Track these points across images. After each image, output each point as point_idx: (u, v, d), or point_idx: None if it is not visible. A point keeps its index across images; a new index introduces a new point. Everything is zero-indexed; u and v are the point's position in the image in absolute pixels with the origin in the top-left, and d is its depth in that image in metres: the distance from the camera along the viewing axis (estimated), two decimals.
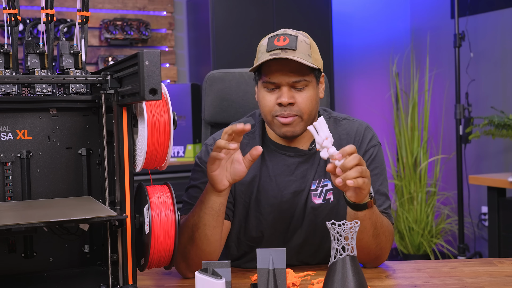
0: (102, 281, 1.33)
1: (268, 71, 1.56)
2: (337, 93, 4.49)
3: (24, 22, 3.58)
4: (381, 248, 1.56)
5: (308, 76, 1.56)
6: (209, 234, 1.49)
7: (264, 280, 1.24)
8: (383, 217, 1.56)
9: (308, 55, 1.55)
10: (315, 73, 1.60)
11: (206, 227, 1.48)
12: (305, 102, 1.56)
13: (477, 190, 4.11)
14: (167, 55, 4.10)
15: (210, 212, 1.47)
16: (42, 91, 1.34)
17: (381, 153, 1.69)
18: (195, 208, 1.51)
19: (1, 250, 1.37)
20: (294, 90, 1.56)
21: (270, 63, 1.55)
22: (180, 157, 3.71)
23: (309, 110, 1.58)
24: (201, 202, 1.48)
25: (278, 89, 1.57)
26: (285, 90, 1.55)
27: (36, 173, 1.38)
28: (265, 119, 1.62)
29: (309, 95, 1.57)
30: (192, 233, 1.49)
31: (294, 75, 1.54)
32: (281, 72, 1.54)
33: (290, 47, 1.53)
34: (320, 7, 3.99)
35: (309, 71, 1.57)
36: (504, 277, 1.48)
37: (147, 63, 1.13)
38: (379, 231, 1.51)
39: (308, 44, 1.57)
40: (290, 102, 1.55)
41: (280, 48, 1.53)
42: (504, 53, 4.06)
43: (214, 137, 1.69)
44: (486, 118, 3.55)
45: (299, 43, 1.55)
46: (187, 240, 1.50)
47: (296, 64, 1.54)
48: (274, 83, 1.56)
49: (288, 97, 1.54)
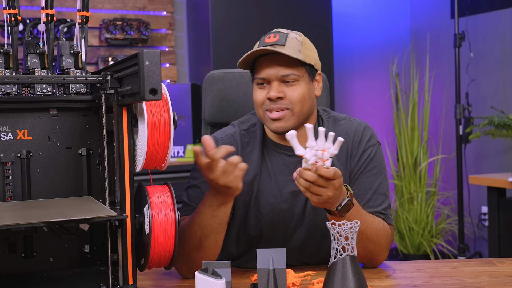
0: (102, 281, 1.33)
1: (259, 68, 1.59)
2: (337, 93, 4.49)
3: (24, 22, 3.58)
4: (369, 251, 1.55)
5: (297, 70, 1.57)
6: (218, 240, 1.50)
7: (264, 280, 1.24)
8: (371, 223, 1.53)
9: (298, 51, 1.57)
10: (307, 69, 1.60)
11: (217, 236, 1.49)
12: (295, 96, 1.57)
13: (477, 190, 4.11)
14: (167, 55, 4.10)
15: (219, 221, 1.47)
16: (42, 91, 1.34)
17: (381, 153, 1.69)
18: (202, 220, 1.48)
19: (1, 250, 1.37)
20: (284, 85, 1.58)
21: (261, 59, 1.58)
22: (180, 157, 3.71)
23: (300, 104, 1.58)
24: (213, 216, 1.46)
25: (268, 85, 1.59)
26: (274, 85, 1.57)
27: (36, 173, 1.38)
28: (258, 115, 1.64)
29: (300, 89, 1.58)
30: (200, 242, 1.49)
31: (282, 68, 1.56)
32: (269, 67, 1.57)
33: (279, 43, 1.56)
34: (320, 7, 3.99)
35: (299, 65, 1.58)
36: (504, 277, 1.48)
37: (147, 63, 1.13)
38: (361, 236, 1.50)
39: (300, 41, 1.59)
40: (279, 96, 1.56)
41: (269, 44, 1.56)
42: (504, 53, 4.06)
43: (214, 136, 1.69)
44: (486, 118, 3.54)
45: (290, 39, 1.57)
46: (193, 248, 1.50)
47: (284, 59, 1.56)
48: (263, 78, 1.58)
49: (276, 91, 1.56)
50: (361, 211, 1.51)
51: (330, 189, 1.36)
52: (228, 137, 1.68)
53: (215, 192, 1.44)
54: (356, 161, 1.65)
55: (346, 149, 1.66)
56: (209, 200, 1.46)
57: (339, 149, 1.66)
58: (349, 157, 1.65)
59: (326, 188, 1.35)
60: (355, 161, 1.65)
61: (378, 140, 1.70)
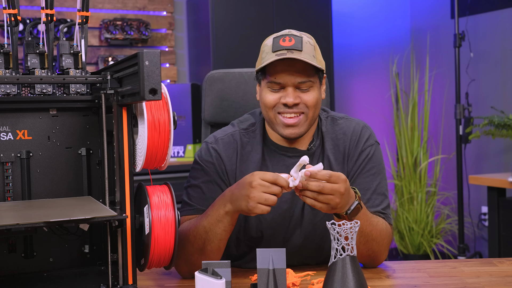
0: (102, 281, 1.33)
1: (274, 71, 1.56)
2: (337, 93, 4.49)
3: (24, 22, 3.58)
4: (373, 251, 1.56)
5: (313, 77, 1.57)
6: (221, 247, 1.51)
7: (264, 280, 1.24)
8: (376, 224, 1.54)
9: (313, 56, 1.56)
10: (319, 75, 1.60)
11: (220, 242, 1.49)
12: (310, 101, 1.57)
13: (477, 190, 4.11)
14: (167, 55, 4.10)
15: (223, 227, 1.47)
16: (42, 91, 1.34)
17: (379, 153, 1.68)
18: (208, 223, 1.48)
19: (1, 250, 1.37)
20: (299, 91, 1.57)
21: (276, 63, 1.55)
22: (180, 157, 3.71)
23: (314, 108, 1.58)
24: (218, 221, 1.46)
25: (282, 90, 1.57)
26: (291, 91, 1.55)
27: (36, 173, 1.38)
28: (267, 116, 1.61)
29: (314, 95, 1.57)
30: (204, 246, 1.49)
31: (300, 76, 1.54)
32: (287, 72, 1.54)
33: (296, 48, 1.53)
34: (320, 7, 3.99)
35: (314, 72, 1.57)
36: (504, 277, 1.48)
37: (147, 63, 1.13)
38: (367, 238, 1.51)
39: (312, 46, 1.58)
40: (296, 102, 1.55)
41: (286, 48, 1.53)
42: (504, 53, 4.06)
43: (214, 135, 1.69)
44: (486, 118, 3.54)
45: (305, 44, 1.55)
46: (196, 251, 1.50)
47: (302, 65, 1.54)
48: (279, 83, 1.56)
49: (293, 97, 1.55)
50: (367, 213, 1.51)
51: (337, 195, 1.36)
52: (228, 136, 1.67)
53: (231, 201, 1.42)
54: (354, 161, 1.65)
55: (343, 149, 1.66)
56: (218, 204, 1.47)
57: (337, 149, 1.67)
58: (346, 157, 1.65)
59: (333, 196, 1.36)
60: (353, 161, 1.65)
61: (376, 139, 1.70)
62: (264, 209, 1.36)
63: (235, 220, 1.47)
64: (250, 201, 1.36)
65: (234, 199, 1.41)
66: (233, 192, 1.42)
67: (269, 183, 1.36)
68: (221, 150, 1.64)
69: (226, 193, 1.46)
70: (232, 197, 1.42)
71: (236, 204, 1.40)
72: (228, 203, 1.43)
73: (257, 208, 1.36)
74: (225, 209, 1.44)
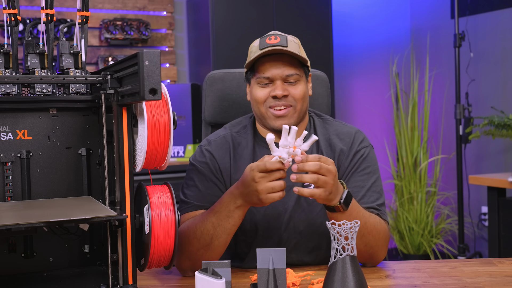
0: (102, 281, 1.33)
1: (262, 67, 1.64)
2: (337, 93, 4.49)
3: (24, 22, 3.58)
4: (371, 246, 1.56)
5: (299, 70, 1.65)
6: (228, 241, 1.53)
7: (264, 280, 1.24)
8: (369, 217, 1.55)
9: (298, 52, 1.63)
10: (305, 69, 1.68)
11: (228, 237, 1.52)
12: (298, 93, 1.64)
13: (477, 190, 4.11)
14: (167, 55, 4.10)
15: (233, 222, 1.49)
16: (42, 91, 1.34)
17: (373, 155, 1.72)
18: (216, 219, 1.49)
19: (1, 250, 1.37)
20: (287, 84, 1.64)
21: (263, 59, 1.64)
22: (180, 157, 3.71)
23: (302, 101, 1.65)
24: (228, 216, 1.48)
25: (271, 84, 1.64)
26: (279, 84, 1.63)
27: (36, 173, 1.38)
28: (258, 112, 1.67)
29: (301, 89, 1.65)
30: (211, 241, 1.51)
31: (287, 68, 1.63)
32: (274, 66, 1.63)
33: (282, 44, 1.62)
34: (320, 7, 3.99)
35: (299, 66, 1.65)
36: (504, 277, 1.48)
37: (147, 63, 1.13)
38: (362, 231, 1.52)
39: (297, 44, 1.67)
40: (284, 94, 1.62)
41: (273, 45, 1.61)
42: (504, 53, 4.06)
43: (207, 139, 1.73)
44: (486, 118, 3.54)
45: (289, 41, 1.64)
46: (203, 246, 1.51)
47: (288, 59, 1.63)
48: (268, 77, 1.64)
49: (282, 90, 1.62)
50: (358, 205, 1.54)
51: (331, 177, 1.39)
52: (220, 138, 1.72)
53: (241, 197, 1.44)
54: (349, 160, 1.67)
55: (335, 148, 1.68)
56: (227, 200, 1.48)
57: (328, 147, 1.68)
58: (337, 156, 1.67)
59: (327, 177, 1.39)
60: (348, 160, 1.67)
61: (370, 143, 1.74)
62: (276, 196, 1.39)
63: (244, 214, 1.49)
64: (260, 195, 1.39)
65: (245, 195, 1.44)
66: (240, 190, 1.45)
67: (268, 172, 1.38)
68: (214, 151, 1.69)
69: (233, 190, 1.48)
70: (242, 194, 1.44)
71: (247, 199, 1.44)
72: (239, 198, 1.46)
73: (269, 198, 1.40)
74: (235, 204, 1.46)
